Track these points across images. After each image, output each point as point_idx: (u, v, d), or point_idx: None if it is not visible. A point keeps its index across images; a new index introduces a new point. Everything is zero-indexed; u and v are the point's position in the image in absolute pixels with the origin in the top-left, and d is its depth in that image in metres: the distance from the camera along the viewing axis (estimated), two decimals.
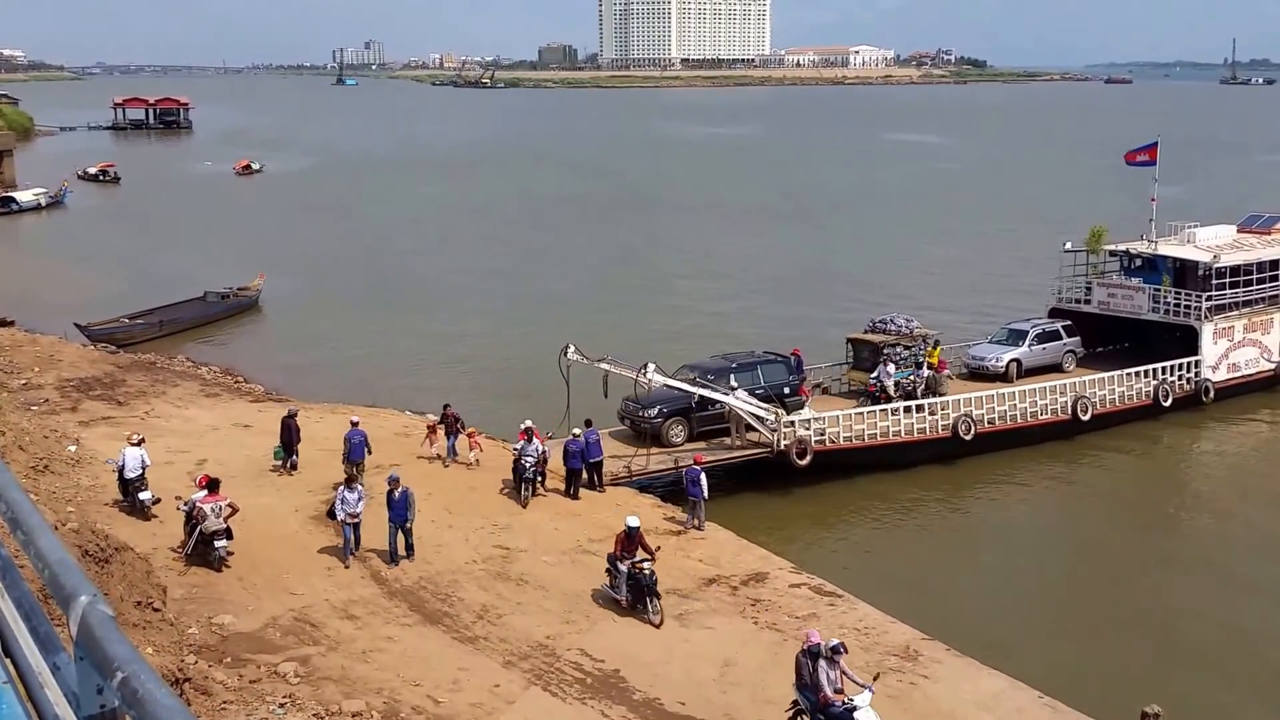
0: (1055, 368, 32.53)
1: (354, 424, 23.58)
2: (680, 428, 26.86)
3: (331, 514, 20.18)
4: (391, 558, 19.61)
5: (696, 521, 22.14)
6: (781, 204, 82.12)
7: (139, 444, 21.15)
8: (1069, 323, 33.90)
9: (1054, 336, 33.17)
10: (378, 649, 16.60)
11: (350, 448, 22.91)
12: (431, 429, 25.49)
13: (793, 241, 64.69)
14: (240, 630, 16.82)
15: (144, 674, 3.24)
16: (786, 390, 28.15)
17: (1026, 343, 32.35)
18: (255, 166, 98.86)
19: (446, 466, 24.74)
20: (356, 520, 19.60)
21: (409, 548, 19.74)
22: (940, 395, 29.87)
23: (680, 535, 22.05)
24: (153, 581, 17.22)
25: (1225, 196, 67.81)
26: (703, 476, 22.46)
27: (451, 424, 25.11)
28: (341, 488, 20.06)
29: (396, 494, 19.50)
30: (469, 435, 25.05)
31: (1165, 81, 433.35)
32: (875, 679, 14.65)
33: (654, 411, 26.66)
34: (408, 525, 19.67)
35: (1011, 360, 31.92)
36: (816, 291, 49.79)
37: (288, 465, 23.94)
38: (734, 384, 26.64)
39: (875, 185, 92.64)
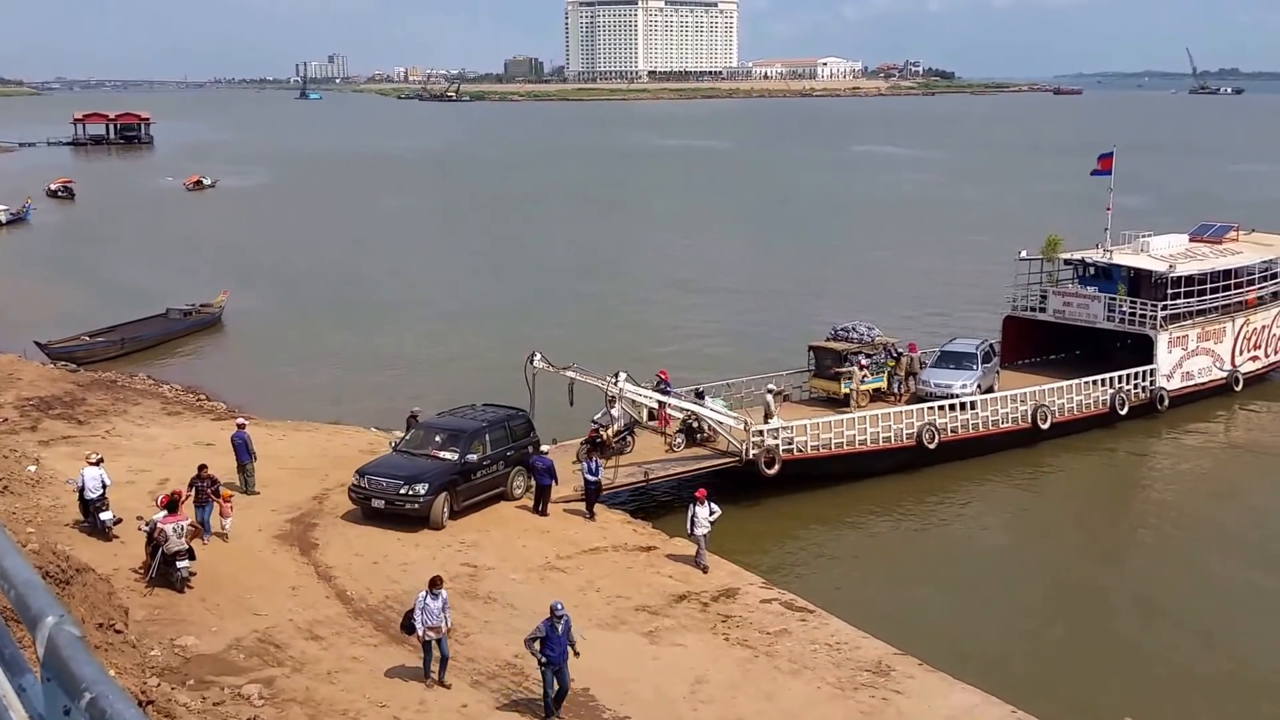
0: (989, 388, 31.50)
1: (240, 425, 24.17)
2: (447, 505, 22.18)
3: (409, 627, 16.33)
4: (547, 713, 15.56)
5: (701, 562, 21.16)
6: (748, 214, 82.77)
7: (98, 463, 20.82)
8: (990, 339, 33.91)
9: (990, 356, 32.77)
10: (343, 669, 16.39)
11: (234, 449, 23.35)
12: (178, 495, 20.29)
13: (758, 250, 65.09)
14: (203, 652, 16.57)
15: (112, 694, 3.20)
16: (530, 449, 24.41)
17: (980, 365, 31.67)
18: (206, 182, 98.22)
19: (205, 544, 20.25)
20: (440, 635, 16.19)
21: (562, 693, 15.61)
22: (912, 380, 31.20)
23: (649, 552, 21.95)
24: (114, 603, 16.94)
25: (1176, 204, 68.88)
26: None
27: (204, 489, 20.81)
28: (423, 594, 16.21)
29: (560, 627, 15.46)
30: (223, 499, 21.15)
31: (1133, 92, 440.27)
32: None
33: (422, 489, 21.78)
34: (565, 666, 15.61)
35: (976, 384, 31.21)
36: (780, 299, 50.17)
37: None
38: (487, 448, 23.44)
39: (841, 195, 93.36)
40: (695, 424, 27.08)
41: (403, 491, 21.85)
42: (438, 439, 23.30)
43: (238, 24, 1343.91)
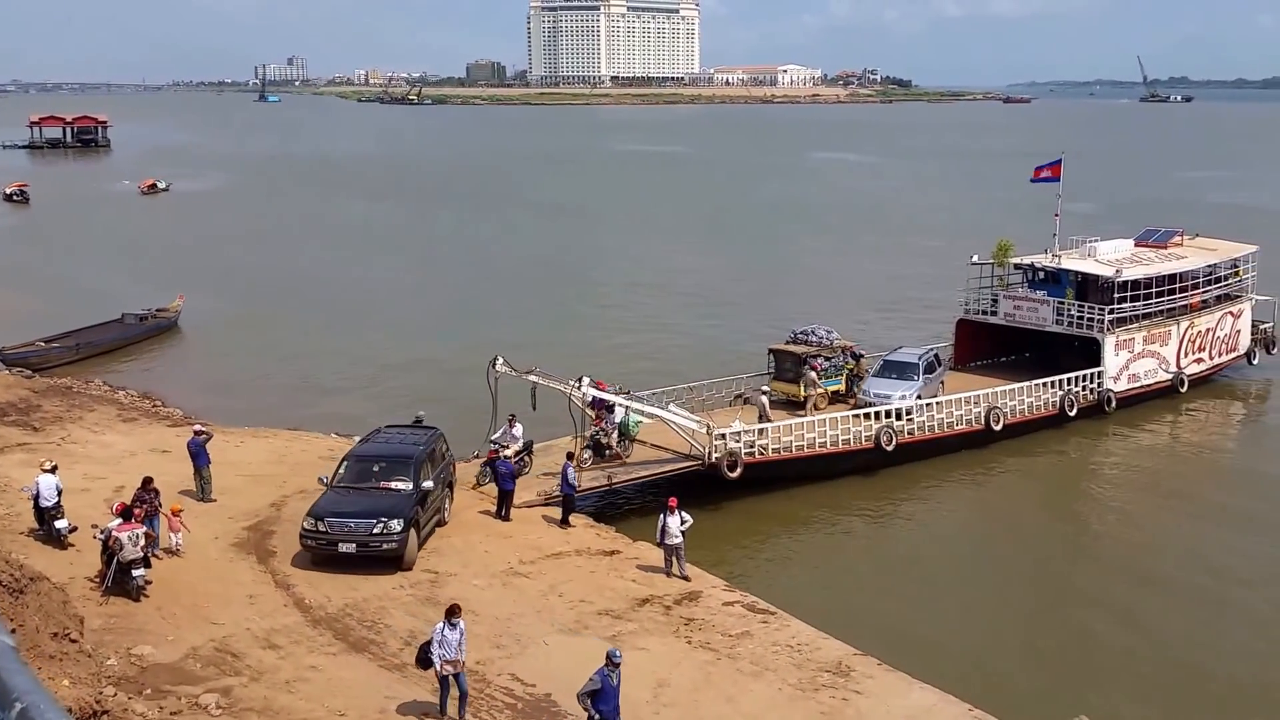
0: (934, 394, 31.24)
1: (196, 432, 24.00)
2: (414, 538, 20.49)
3: (425, 661, 15.43)
4: None
5: (678, 570, 21.04)
6: (709, 219, 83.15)
7: (52, 471, 20.58)
8: (936, 348, 33.78)
9: (934, 366, 32.42)
10: (301, 678, 16.26)
11: (191, 455, 23.16)
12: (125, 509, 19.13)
13: (718, 255, 65.32)
14: (160, 661, 16.40)
15: (44, 704, 3.16)
16: (450, 468, 23.36)
17: (921, 375, 31.28)
18: (161, 185, 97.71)
19: (158, 557, 19.47)
20: (458, 670, 15.29)
21: None
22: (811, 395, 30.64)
23: (613, 555, 21.97)
24: (70, 612, 16.68)
25: (1122, 210, 70.04)
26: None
27: (151, 501, 20.11)
28: (440, 625, 15.33)
29: (615, 678, 14.54)
30: (172, 513, 20.43)
31: (1085, 100, 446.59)
32: None
33: (397, 525, 19.94)
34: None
35: (916, 395, 30.69)
36: (740, 303, 50.47)
37: None
38: (430, 473, 21.64)
39: (800, 201, 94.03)
40: (605, 439, 26.28)
41: (377, 531, 19.89)
42: (377, 469, 21.27)
43: (196, 26, 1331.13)
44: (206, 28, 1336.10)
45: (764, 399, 29.61)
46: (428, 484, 21.28)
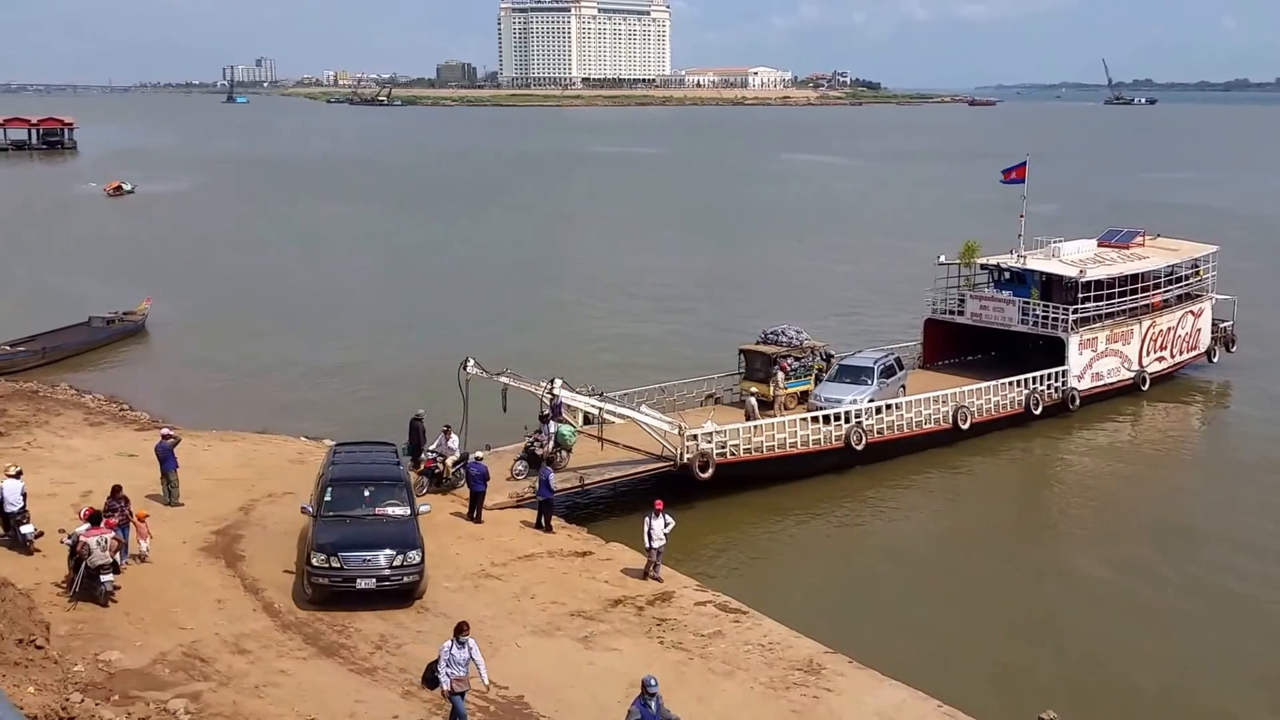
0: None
1: (164, 436, 23.79)
2: None
3: (431, 680, 15.03)
4: None
5: (655, 571, 21.02)
6: (679, 219, 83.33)
7: (17, 475, 20.40)
8: (894, 353, 33.59)
9: (893, 370, 32.31)
10: (271, 683, 16.18)
11: (159, 458, 22.95)
12: (91, 514, 18.70)
13: (689, 255, 65.50)
14: (128, 667, 16.28)
15: (3, 711, 3.15)
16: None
17: (876, 379, 31.22)
18: (127, 188, 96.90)
19: (126, 565, 19.02)
20: (465, 688, 14.84)
21: None
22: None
23: (585, 557, 21.97)
24: (35, 618, 16.58)
25: (1085, 211, 70.80)
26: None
27: (123, 509, 19.75)
28: (448, 643, 14.90)
29: (653, 705, 13.90)
30: (139, 519, 20.07)
31: (1051, 103, 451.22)
32: None
33: (416, 555, 18.77)
34: None
35: (869, 400, 30.48)
36: (710, 303, 50.64)
37: (418, 467, 24.48)
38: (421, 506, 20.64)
39: (770, 201, 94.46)
40: (539, 449, 25.68)
41: (398, 564, 18.48)
42: (368, 494, 19.80)
43: (163, 27, 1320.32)
44: (174, 28, 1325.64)
45: (752, 400, 29.93)
46: (425, 508, 20.33)
